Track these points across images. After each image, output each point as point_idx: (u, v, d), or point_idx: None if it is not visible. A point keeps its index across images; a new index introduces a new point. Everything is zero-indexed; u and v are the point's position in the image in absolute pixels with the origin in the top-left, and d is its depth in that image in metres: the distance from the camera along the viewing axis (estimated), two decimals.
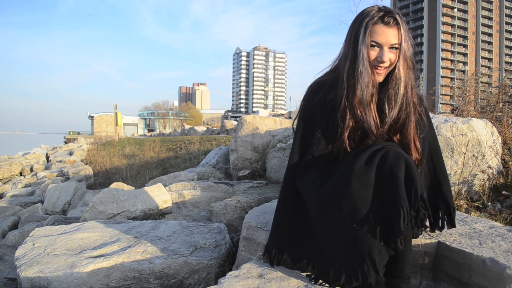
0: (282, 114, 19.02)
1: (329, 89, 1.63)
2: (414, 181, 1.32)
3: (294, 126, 1.77)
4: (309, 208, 1.57)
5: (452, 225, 1.63)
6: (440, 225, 1.62)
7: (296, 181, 1.63)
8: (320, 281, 1.51)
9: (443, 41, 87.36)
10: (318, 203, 1.49)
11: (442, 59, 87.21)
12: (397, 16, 1.50)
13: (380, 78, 1.55)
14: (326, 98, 1.63)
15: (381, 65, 1.51)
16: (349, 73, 1.53)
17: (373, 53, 1.50)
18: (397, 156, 1.37)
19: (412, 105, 1.58)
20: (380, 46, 1.50)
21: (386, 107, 1.55)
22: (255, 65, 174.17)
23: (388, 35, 1.49)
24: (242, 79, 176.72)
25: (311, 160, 1.62)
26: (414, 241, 1.71)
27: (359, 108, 1.52)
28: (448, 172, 2.83)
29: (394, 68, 1.53)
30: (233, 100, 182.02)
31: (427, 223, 1.60)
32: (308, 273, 1.60)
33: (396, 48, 1.51)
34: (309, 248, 1.60)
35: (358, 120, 1.54)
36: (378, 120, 1.55)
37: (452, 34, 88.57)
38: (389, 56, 1.50)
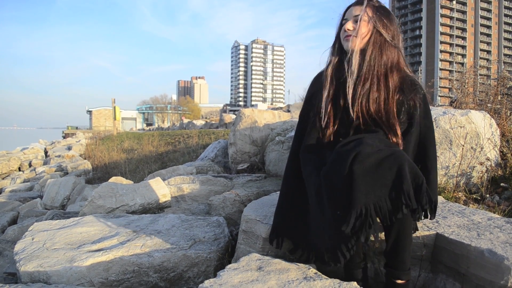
0: (281, 108, 18.97)
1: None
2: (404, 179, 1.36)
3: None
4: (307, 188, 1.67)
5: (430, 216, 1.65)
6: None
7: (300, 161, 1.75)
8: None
9: (441, 33, 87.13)
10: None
11: (441, 51, 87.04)
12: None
13: (350, 44, 1.66)
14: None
15: (346, 33, 1.68)
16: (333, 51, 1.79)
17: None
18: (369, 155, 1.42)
19: (380, 78, 1.65)
20: (347, 20, 1.71)
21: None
22: (254, 59, 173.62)
23: (352, 10, 1.70)
24: (241, 73, 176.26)
25: (309, 144, 1.74)
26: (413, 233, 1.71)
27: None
28: (446, 164, 2.83)
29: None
30: (231, 94, 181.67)
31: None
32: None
33: (363, 20, 1.66)
34: (307, 230, 1.70)
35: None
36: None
37: (451, 27, 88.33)
38: (352, 25, 1.67)
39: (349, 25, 1.67)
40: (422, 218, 1.50)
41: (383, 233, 1.58)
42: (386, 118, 1.61)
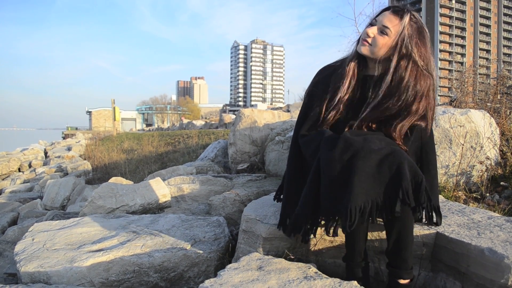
0: (281, 108, 18.97)
1: (334, 70, 1.78)
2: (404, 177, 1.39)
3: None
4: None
5: (430, 223, 1.72)
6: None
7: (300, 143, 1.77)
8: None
9: (441, 33, 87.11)
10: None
11: (440, 51, 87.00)
12: (406, 12, 1.60)
13: (362, 49, 1.65)
14: (331, 76, 1.76)
15: (363, 37, 1.65)
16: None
17: (368, 28, 1.65)
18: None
19: (410, 108, 1.61)
20: (375, 24, 1.63)
21: (371, 91, 1.68)
22: (253, 59, 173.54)
23: (385, 17, 1.60)
24: (240, 73, 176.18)
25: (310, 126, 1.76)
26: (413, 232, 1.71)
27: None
28: (446, 163, 2.84)
29: (391, 59, 1.61)
30: (231, 94, 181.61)
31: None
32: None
33: (387, 34, 1.59)
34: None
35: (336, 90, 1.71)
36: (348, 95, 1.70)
37: (450, 26, 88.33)
38: (375, 32, 1.62)
39: (370, 30, 1.62)
40: (428, 223, 1.54)
41: (384, 232, 1.59)
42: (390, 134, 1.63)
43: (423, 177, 1.40)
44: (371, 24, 1.65)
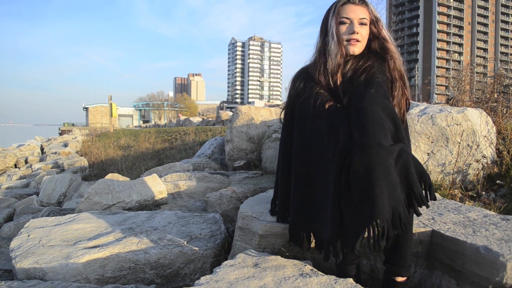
0: (278, 105, 18.98)
1: (310, 71, 1.74)
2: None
3: (282, 117, 1.92)
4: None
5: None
6: None
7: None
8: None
9: (438, 31, 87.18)
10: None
11: (438, 49, 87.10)
12: None
13: (355, 50, 1.65)
14: (311, 76, 1.73)
15: (353, 36, 1.63)
16: (321, 49, 1.68)
17: (343, 27, 1.64)
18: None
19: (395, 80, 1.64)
20: (350, 20, 1.63)
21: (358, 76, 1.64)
22: (251, 56, 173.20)
23: (356, 10, 1.63)
24: (238, 70, 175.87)
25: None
26: None
27: (328, 76, 1.65)
28: (442, 161, 2.84)
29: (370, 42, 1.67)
30: (228, 91, 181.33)
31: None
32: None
33: (365, 24, 1.64)
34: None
35: (326, 87, 1.66)
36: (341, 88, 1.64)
37: (448, 25, 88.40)
38: (359, 29, 1.62)
39: (356, 28, 1.62)
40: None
41: None
42: None
43: (428, 176, 1.42)
44: (340, 23, 1.63)
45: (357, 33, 1.62)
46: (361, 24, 1.63)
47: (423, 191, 1.39)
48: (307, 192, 1.63)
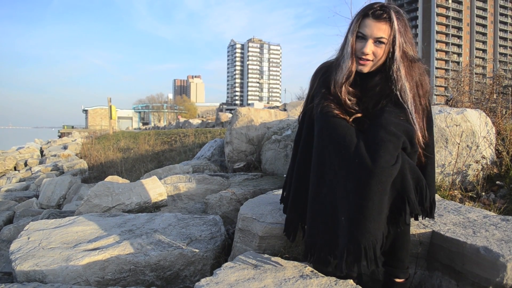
0: (277, 106, 18.95)
1: (330, 70, 1.66)
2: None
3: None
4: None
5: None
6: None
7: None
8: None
9: (437, 32, 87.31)
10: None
11: (437, 50, 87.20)
12: (391, 12, 1.49)
13: (364, 69, 1.56)
14: (329, 77, 1.65)
15: (363, 56, 1.53)
16: (339, 57, 1.61)
17: (359, 44, 1.54)
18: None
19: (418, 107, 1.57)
20: (365, 38, 1.52)
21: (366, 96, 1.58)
22: (250, 58, 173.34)
23: (373, 28, 1.50)
24: (237, 72, 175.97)
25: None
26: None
27: (335, 87, 1.58)
28: (442, 162, 2.84)
29: (387, 63, 1.56)
30: (228, 93, 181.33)
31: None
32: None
33: (383, 43, 1.51)
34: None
35: (333, 97, 1.58)
36: (349, 103, 1.57)
37: (447, 26, 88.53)
38: (372, 49, 1.51)
39: (367, 49, 1.51)
40: (422, 218, 1.53)
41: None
42: None
43: (425, 181, 1.44)
44: (358, 37, 1.54)
45: (367, 54, 1.52)
46: (377, 42, 1.51)
47: (420, 197, 1.43)
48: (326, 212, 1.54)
